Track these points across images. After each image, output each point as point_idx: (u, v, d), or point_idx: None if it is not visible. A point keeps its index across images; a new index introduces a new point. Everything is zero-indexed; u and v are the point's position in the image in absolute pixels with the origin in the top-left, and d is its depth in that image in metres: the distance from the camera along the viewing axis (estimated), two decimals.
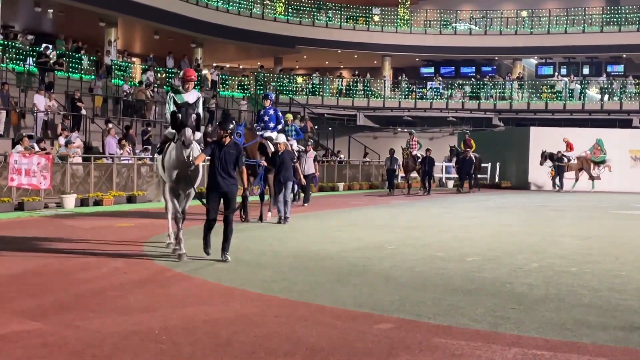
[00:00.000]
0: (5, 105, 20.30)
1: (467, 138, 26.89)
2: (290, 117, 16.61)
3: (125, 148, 19.64)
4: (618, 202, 21.39)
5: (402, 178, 25.87)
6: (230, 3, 34.75)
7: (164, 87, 30.05)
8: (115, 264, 8.17)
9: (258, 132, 13.53)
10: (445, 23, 39.40)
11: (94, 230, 11.71)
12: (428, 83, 38.82)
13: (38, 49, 25.96)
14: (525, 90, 37.25)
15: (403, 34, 38.69)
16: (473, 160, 25.51)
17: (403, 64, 41.58)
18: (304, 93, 37.54)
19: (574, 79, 37.00)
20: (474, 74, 40.54)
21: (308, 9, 38.15)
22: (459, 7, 40.24)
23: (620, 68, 39.57)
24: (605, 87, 36.18)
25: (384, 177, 25.58)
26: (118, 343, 4.94)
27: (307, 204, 17.88)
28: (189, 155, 8.47)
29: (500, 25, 38.85)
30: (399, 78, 39.27)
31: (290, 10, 37.62)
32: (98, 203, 16.50)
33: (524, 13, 39.25)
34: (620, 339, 5.25)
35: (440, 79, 39.20)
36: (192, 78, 9.32)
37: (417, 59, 41.19)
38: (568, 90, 36.17)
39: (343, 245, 10.16)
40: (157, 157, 9.99)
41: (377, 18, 39.25)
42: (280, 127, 14.13)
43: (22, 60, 25.00)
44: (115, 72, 28.81)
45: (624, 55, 38.45)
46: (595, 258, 9.29)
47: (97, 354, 4.67)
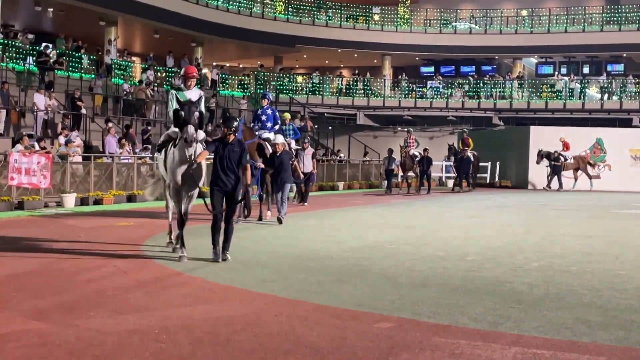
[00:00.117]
0: (5, 104, 20.30)
1: (465, 137, 26.88)
2: (288, 116, 16.50)
3: (125, 147, 19.64)
4: (618, 201, 21.39)
5: (401, 177, 25.87)
6: (230, 2, 34.73)
7: (164, 86, 30.08)
8: (115, 264, 8.17)
9: (256, 131, 13.41)
10: (446, 22, 39.40)
11: (94, 230, 11.72)
12: (428, 82, 38.81)
13: (38, 48, 25.96)
14: (525, 90, 37.25)
15: (403, 33, 38.70)
16: (471, 159, 25.50)
17: (403, 63, 41.58)
18: (304, 92, 37.56)
19: (574, 78, 37.00)
20: (474, 73, 40.55)
21: (308, 8, 38.15)
22: (459, 6, 40.24)
23: (621, 67, 39.57)
24: (605, 86, 36.19)
25: (383, 176, 25.59)
26: (118, 342, 4.94)
27: (306, 203, 17.90)
28: (192, 154, 8.36)
29: (501, 25, 38.85)
30: (399, 77, 39.28)
31: (290, 10, 37.61)
32: (98, 202, 16.51)
33: (524, 12, 39.26)
34: (621, 338, 5.25)
35: (440, 78, 39.20)
36: (194, 75, 9.24)
37: (417, 58, 41.20)
38: (568, 90, 36.16)
39: (343, 245, 10.16)
40: (157, 155, 9.82)
41: (377, 17, 39.25)
42: (277, 127, 14.02)
43: (22, 59, 25.00)
44: (115, 71, 28.81)
45: (624, 55, 38.46)
46: (596, 257, 9.28)
47: (97, 354, 4.67)
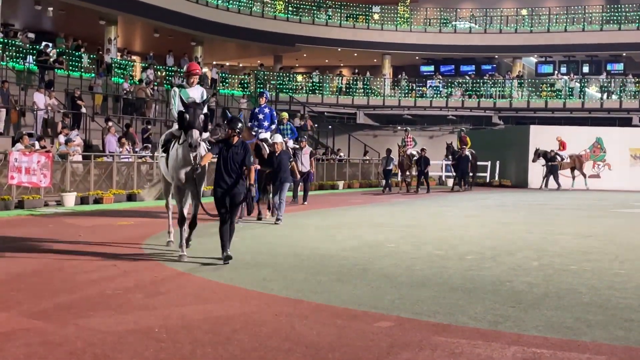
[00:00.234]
0: (5, 104, 20.30)
1: (462, 135, 26.82)
2: (286, 115, 16.38)
3: (125, 146, 19.64)
4: (618, 200, 21.39)
5: (400, 177, 25.84)
6: (230, 1, 34.70)
7: (164, 85, 30.08)
8: (115, 263, 8.17)
9: (253, 132, 13.25)
10: (445, 21, 39.37)
11: (94, 229, 11.72)
12: (428, 81, 38.79)
13: (38, 47, 25.95)
14: (525, 89, 37.23)
15: (403, 33, 38.67)
16: (469, 158, 25.48)
17: (403, 63, 41.56)
18: (304, 91, 37.54)
19: (574, 78, 36.99)
20: (473, 73, 40.54)
21: (308, 8, 38.14)
22: (459, 5, 40.21)
23: (620, 66, 39.54)
24: (605, 85, 36.18)
25: (381, 176, 25.57)
26: (118, 341, 4.95)
27: (306, 202, 17.90)
28: (196, 157, 8.26)
29: (500, 24, 38.81)
30: (399, 76, 39.26)
31: (290, 9, 37.58)
32: (98, 201, 16.52)
33: (524, 11, 39.24)
34: (620, 338, 5.26)
35: (440, 78, 39.19)
36: (196, 72, 9.14)
37: (417, 58, 41.17)
38: (568, 89, 36.15)
39: (343, 244, 10.16)
40: (159, 154, 9.61)
41: (377, 16, 39.22)
42: (274, 126, 13.92)
43: (22, 59, 24.98)
44: (115, 70, 28.79)
45: (624, 54, 38.43)
46: (595, 256, 9.29)
47: (97, 353, 4.68)
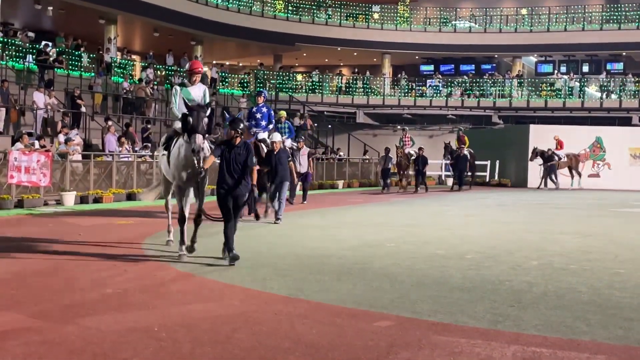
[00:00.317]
0: (5, 103, 20.30)
1: (460, 134, 26.77)
2: (284, 114, 16.28)
3: (124, 145, 19.63)
4: (617, 200, 21.38)
5: (399, 177, 25.76)
6: (230, 1, 34.69)
7: (164, 84, 30.08)
8: (115, 262, 8.17)
9: (251, 132, 13.13)
10: (445, 21, 39.37)
11: (94, 228, 11.72)
12: (427, 81, 38.79)
13: (38, 47, 25.93)
14: (525, 88, 37.22)
15: (403, 32, 38.66)
16: (467, 157, 25.46)
17: (403, 62, 41.55)
18: (304, 91, 37.53)
19: (574, 77, 36.98)
20: (473, 72, 40.53)
21: (308, 7, 38.13)
22: (459, 4, 40.21)
23: (620, 66, 39.55)
24: (605, 85, 36.18)
25: (379, 175, 25.49)
26: (118, 340, 4.95)
27: (305, 202, 17.90)
28: (199, 161, 8.08)
29: (500, 23, 38.81)
30: (399, 76, 39.26)
31: (290, 8, 37.57)
32: (98, 200, 16.52)
33: (524, 11, 39.24)
34: (620, 337, 5.26)
35: (440, 77, 39.19)
36: (199, 70, 9.06)
37: (416, 57, 41.17)
38: (567, 88, 36.14)
39: (342, 243, 10.15)
40: (160, 152, 9.37)
41: (376, 16, 39.22)
42: (272, 126, 13.83)
43: (21, 58, 24.97)
44: (115, 69, 28.78)
45: (624, 53, 38.43)
46: (595, 256, 9.29)
47: (97, 352, 4.68)
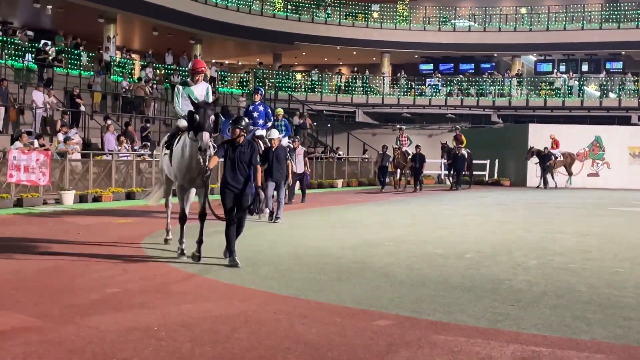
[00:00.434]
0: (4, 102, 20.28)
1: (457, 134, 26.66)
2: (281, 111, 16.21)
3: (124, 144, 19.63)
4: (617, 199, 21.40)
5: (399, 175, 25.71)
6: None
7: (164, 83, 30.07)
8: (114, 261, 8.17)
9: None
10: (444, 20, 39.35)
11: (93, 227, 11.72)
12: (427, 80, 38.79)
13: (37, 45, 25.92)
14: (524, 87, 37.22)
15: (402, 31, 38.64)
16: (465, 157, 25.41)
17: (402, 61, 41.55)
18: (303, 90, 37.51)
19: (573, 76, 36.98)
20: (473, 71, 40.50)
21: (307, 6, 38.11)
22: (458, 3, 40.20)
23: (619, 65, 39.57)
24: (604, 84, 36.19)
25: (376, 173, 25.41)
26: (117, 340, 4.95)
27: (304, 201, 17.88)
28: (206, 159, 7.98)
29: (499, 22, 38.80)
30: (398, 75, 39.25)
31: (289, 7, 37.56)
32: (97, 199, 16.51)
33: (523, 10, 39.23)
34: (619, 336, 5.26)
35: (439, 76, 39.18)
36: (202, 70, 8.94)
37: (416, 56, 41.17)
38: (567, 87, 36.14)
39: (342, 242, 10.16)
40: (162, 151, 9.19)
41: (376, 15, 39.20)
42: (270, 124, 13.77)
43: (21, 57, 24.97)
44: (114, 68, 28.77)
45: (623, 52, 38.44)
46: (594, 255, 9.30)
47: (96, 351, 4.68)
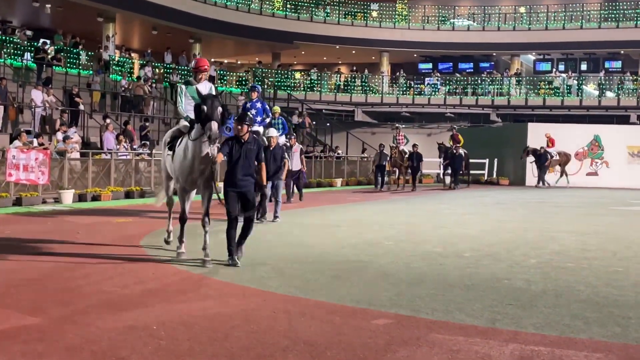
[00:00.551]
0: (3, 101, 20.28)
1: (454, 133, 26.62)
2: (278, 109, 16.19)
3: (123, 143, 19.62)
4: (616, 198, 21.40)
5: (397, 175, 25.69)
6: None
7: (163, 82, 30.06)
8: (113, 260, 8.17)
9: None
10: (444, 19, 39.35)
11: (92, 226, 11.71)
12: (426, 79, 38.79)
13: (36, 44, 25.90)
14: (523, 86, 37.22)
15: (401, 30, 38.65)
16: (463, 156, 25.39)
17: (401, 60, 41.54)
18: (302, 89, 37.49)
19: (572, 75, 36.99)
20: (472, 70, 40.51)
21: (306, 5, 38.09)
22: (457, 3, 40.19)
23: (618, 64, 39.58)
24: (603, 83, 36.21)
25: (374, 172, 25.37)
26: (116, 338, 4.95)
27: (301, 200, 17.86)
28: (213, 152, 7.90)
29: (499, 21, 38.81)
30: (397, 74, 39.25)
31: (288, 6, 37.54)
32: (96, 198, 16.51)
33: (522, 9, 39.23)
34: (618, 335, 5.27)
35: (439, 75, 39.18)
36: (205, 68, 8.83)
37: (415, 55, 41.16)
38: (566, 87, 36.15)
39: (340, 241, 10.16)
40: (164, 152, 9.05)
41: (375, 14, 39.20)
42: (268, 120, 13.76)
43: (19, 56, 24.96)
44: (113, 67, 28.75)
45: (622, 52, 38.44)
46: (593, 254, 9.30)
47: (95, 350, 4.68)
